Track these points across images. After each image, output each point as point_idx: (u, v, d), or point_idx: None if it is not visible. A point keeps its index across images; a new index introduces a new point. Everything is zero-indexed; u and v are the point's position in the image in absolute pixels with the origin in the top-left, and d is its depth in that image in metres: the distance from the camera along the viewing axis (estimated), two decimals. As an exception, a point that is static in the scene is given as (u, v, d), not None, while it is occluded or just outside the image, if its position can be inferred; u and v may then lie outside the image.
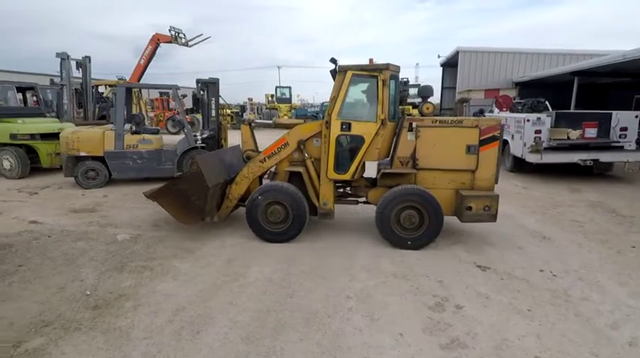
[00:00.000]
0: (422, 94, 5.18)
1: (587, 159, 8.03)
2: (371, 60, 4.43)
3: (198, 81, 8.24)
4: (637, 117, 8.25)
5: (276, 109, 24.47)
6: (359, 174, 4.66)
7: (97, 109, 14.20)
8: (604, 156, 8.12)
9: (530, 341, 2.77)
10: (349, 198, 5.10)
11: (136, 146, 7.55)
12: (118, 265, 3.96)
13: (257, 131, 5.49)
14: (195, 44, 16.84)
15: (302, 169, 4.66)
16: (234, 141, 7.24)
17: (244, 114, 26.73)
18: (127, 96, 8.02)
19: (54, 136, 8.08)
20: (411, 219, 4.35)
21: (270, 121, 6.72)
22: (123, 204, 6.34)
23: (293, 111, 24.16)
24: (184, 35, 16.47)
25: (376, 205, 4.48)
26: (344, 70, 4.37)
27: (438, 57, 25.00)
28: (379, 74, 4.31)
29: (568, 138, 8.35)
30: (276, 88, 25.92)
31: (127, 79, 15.61)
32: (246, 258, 4.18)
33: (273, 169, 5.01)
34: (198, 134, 7.79)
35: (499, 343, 2.75)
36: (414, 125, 4.40)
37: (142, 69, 16.12)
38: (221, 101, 8.24)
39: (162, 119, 19.51)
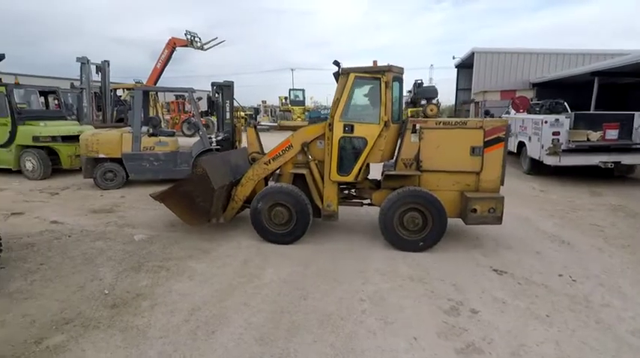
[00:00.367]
0: (424, 96, 5.12)
1: (608, 162, 7.83)
2: (374, 62, 4.41)
3: (213, 84, 8.38)
4: (660, 118, 8.02)
5: (290, 111, 24.59)
6: (362, 176, 4.64)
7: (115, 112, 14.54)
8: (626, 159, 7.90)
9: (549, 348, 2.70)
10: (354, 200, 5.09)
11: (152, 148, 7.69)
12: (135, 265, 4.04)
13: (269, 133, 5.53)
14: (210, 47, 17.12)
15: (306, 171, 4.66)
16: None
17: (257, 116, 26.94)
18: (144, 99, 8.21)
19: (74, 139, 8.32)
20: (415, 220, 4.33)
21: (275, 123, 6.76)
22: (140, 204, 6.46)
23: (306, 113, 24.25)
24: (200, 39, 16.75)
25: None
26: (347, 72, 4.36)
27: (453, 58, 24.76)
28: (382, 76, 4.29)
29: (588, 140, 8.15)
30: (290, 90, 26.07)
31: (144, 83, 15.94)
32: (262, 260, 4.21)
33: (278, 171, 5.03)
34: (213, 136, 7.88)
35: (516, 349, 2.69)
36: (418, 127, 4.37)
37: (159, 72, 16.46)
38: (235, 104, 8.33)
39: (177, 122, 19.79)
